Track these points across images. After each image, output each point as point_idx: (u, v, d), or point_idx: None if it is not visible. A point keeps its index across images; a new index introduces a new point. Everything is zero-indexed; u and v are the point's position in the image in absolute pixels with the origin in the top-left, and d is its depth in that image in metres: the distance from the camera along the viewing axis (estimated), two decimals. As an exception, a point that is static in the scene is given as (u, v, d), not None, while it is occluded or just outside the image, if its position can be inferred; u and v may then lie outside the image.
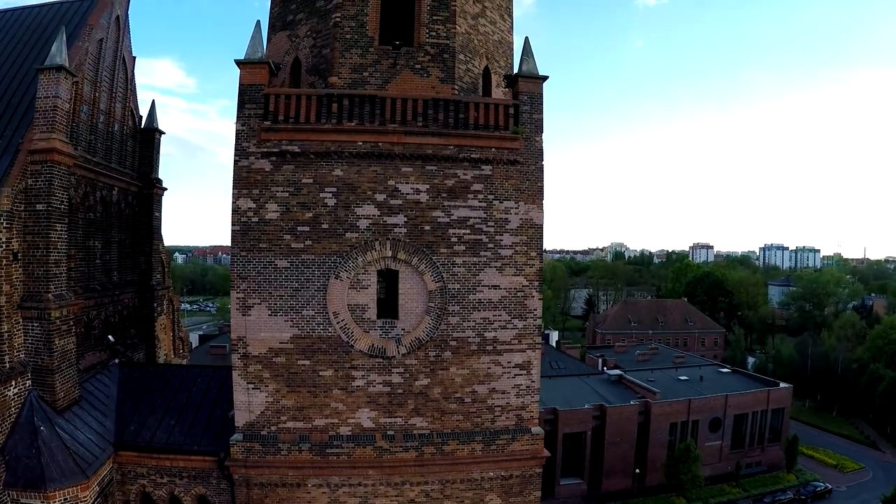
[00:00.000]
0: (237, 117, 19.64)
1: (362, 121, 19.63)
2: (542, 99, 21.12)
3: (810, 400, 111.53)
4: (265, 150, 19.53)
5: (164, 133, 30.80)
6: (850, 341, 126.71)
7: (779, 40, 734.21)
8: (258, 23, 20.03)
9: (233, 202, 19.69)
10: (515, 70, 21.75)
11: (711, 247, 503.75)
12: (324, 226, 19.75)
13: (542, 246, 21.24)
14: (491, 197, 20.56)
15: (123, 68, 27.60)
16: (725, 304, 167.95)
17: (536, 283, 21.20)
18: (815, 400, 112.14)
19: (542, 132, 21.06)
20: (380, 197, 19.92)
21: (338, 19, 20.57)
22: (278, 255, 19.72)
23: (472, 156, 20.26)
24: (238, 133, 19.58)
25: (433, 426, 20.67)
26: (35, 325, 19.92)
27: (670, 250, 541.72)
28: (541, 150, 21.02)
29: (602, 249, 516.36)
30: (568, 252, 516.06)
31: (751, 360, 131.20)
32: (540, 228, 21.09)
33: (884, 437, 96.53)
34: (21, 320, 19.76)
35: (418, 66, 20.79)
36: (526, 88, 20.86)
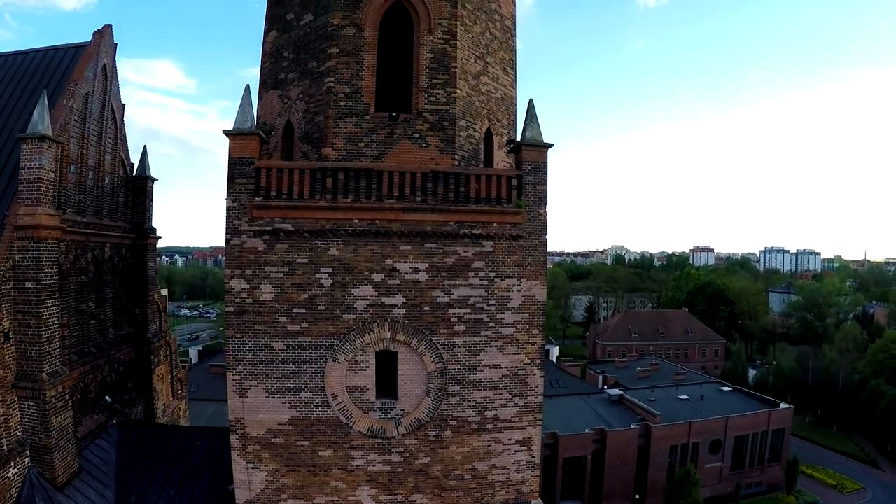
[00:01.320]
0: (227, 192, 18.82)
1: (358, 196, 18.83)
2: (546, 168, 20.29)
3: (811, 415, 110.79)
4: (257, 227, 18.73)
5: (156, 180, 30.07)
6: (851, 353, 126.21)
7: (779, 41, 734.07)
8: (247, 88, 19.23)
9: (226, 282, 19.02)
10: (518, 131, 21.07)
11: (712, 250, 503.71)
12: (320, 307, 19.00)
13: (543, 322, 20.54)
14: (492, 275, 19.79)
15: (112, 118, 26.76)
16: (726, 313, 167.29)
17: (538, 361, 20.54)
18: (816, 414, 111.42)
19: (547, 203, 20.29)
20: (377, 277, 19.15)
21: (331, 84, 19.62)
22: (274, 338, 18.98)
23: (473, 232, 19.46)
24: (229, 210, 18.78)
25: (433, 502, 20.05)
26: (31, 404, 19.52)
27: (671, 252, 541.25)
28: (544, 223, 20.22)
29: (602, 252, 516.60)
30: (568, 254, 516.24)
31: (752, 372, 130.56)
32: (542, 305, 20.40)
33: (884, 455, 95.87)
34: (17, 399, 19.24)
35: (416, 136, 19.86)
36: (529, 157, 20.05)
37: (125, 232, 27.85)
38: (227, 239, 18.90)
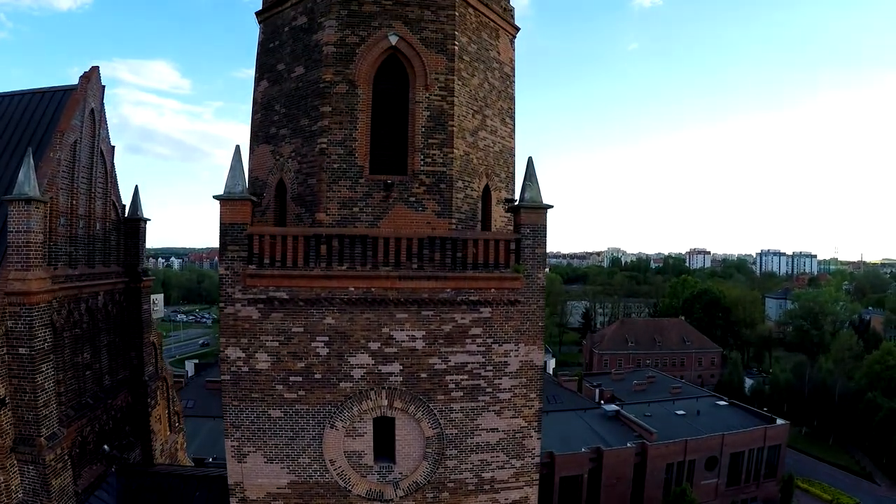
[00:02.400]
0: (220, 259, 18.57)
1: (354, 264, 18.53)
2: (545, 230, 20.04)
3: (807, 426, 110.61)
4: (251, 296, 18.44)
5: (149, 220, 29.79)
6: (847, 363, 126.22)
7: (776, 43, 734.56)
8: (237, 149, 18.88)
9: (221, 350, 18.77)
10: (517, 185, 20.75)
11: (708, 252, 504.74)
12: (317, 376, 18.75)
13: (541, 384, 20.34)
14: (490, 340, 19.53)
15: (102, 161, 26.36)
16: (723, 320, 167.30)
17: (535, 423, 20.31)
18: (812, 426, 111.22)
19: (545, 266, 20.10)
20: (374, 345, 18.89)
21: (324, 146, 19.19)
22: (271, 405, 18.74)
23: (471, 298, 19.19)
24: (222, 277, 18.52)
25: (432, 561, 19.85)
26: (30, 467, 19.52)
27: (667, 253, 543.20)
28: (543, 286, 20.03)
29: (598, 254, 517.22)
30: (564, 256, 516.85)
31: (748, 381, 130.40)
32: (540, 369, 20.21)
33: (880, 469, 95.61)
34: (16, 463, 19.23)
35: (412, 199, 19.48)
36: (529, 220, 19.76)
37: (119, 276, 27.55)
38: (220, 307, 18.69)
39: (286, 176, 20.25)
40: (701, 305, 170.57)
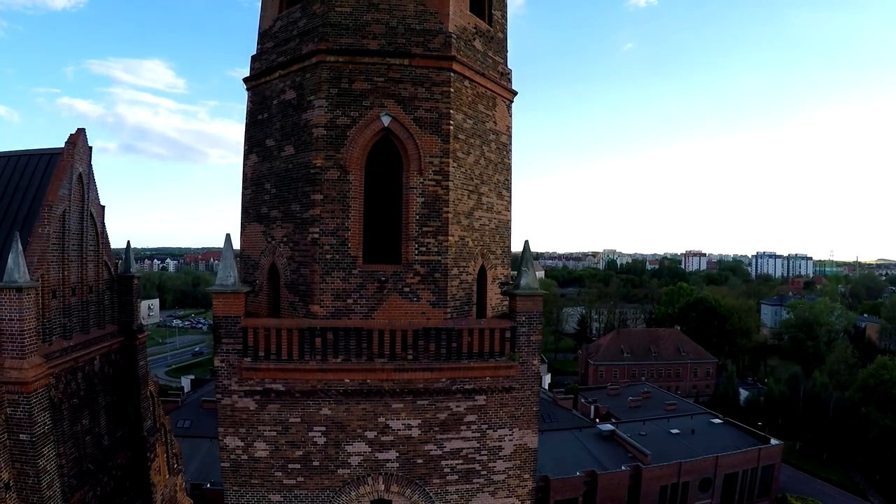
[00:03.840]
0: (215, 351, 18.60)
1: (349, 356, 18.57)
2: (540, 317, 20.20)
3: (801, 441, 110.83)
4: (248, 388, 18.47)
5: (140, 277, 29.81)
6: (842, 375, 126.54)
7: (770, 44, 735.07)
8: (227, 238, 18.92)
9: (220, 439, 18.76)
10: (513, 274, 20.96)
11: (704, 254, 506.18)
12: (314, 463, 18.80)
13: (535, 467, 20.49)
14: (485, 427, 19.60)
15: (92, 223, 26.29)
16: (717, 330, 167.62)
17: (529, 501, 20.49)
18: (806, 439, 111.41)
19: (540, 352, 20.18)
20: (370, 434, 18.94)
21: (315, 235, 18.89)
22: (271, 490, 18.81)
23: (466, 387, 19.24)
24: (217, 369, 18.58)
25: None
26: None
27: (663, 254, 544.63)
28: (537, 373, 20.11)
29: (594, 255, 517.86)
30: (560, 257, 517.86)
31: (743, 393, 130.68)
32: (534, 451, 20.32)
33: (873, 486, 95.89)
34: (23, 542, 19.30)
35: (407, 290, 19.22)
36: (524, 307, 19.83)
37: (114, 337, 27.57)
38: (217, 398, 18.70)
39: (278, 261, 20.00)
40: (697, 314, 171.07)
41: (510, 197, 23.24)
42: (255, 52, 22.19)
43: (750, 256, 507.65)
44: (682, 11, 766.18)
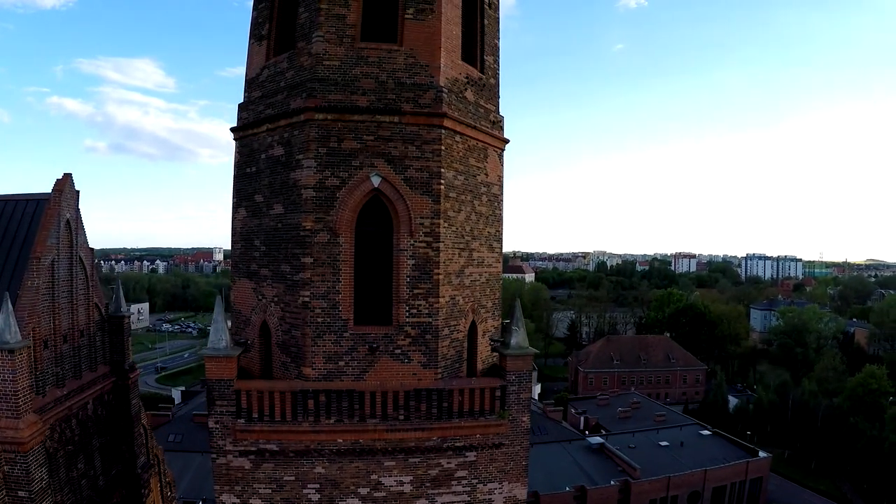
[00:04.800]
0: (209, 413, 18.81)
1: (341, 417, 18.80)
2: (530, 375, 20.51)
3: (789, 450, 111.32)
4: (242, 448, 18.71)
5: (131, 314, 29.91)
6: (831, 383, 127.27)
7: (760, 45, 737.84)
8: (218, 300, 19.20)
9: (216, 497, 19.00)
10: (503, 334, 21.21)
11: (694, 255, 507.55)
12: (309, 519, 19.09)
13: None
14: (475, 481, 19.85)
15: (81, 267, 26.32)
16: (706, 336, 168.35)
17: None
18: (795, 448, 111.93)
19: (530, 409, 20.44)
20: (363, 491, 19.16)
21: (306, 299, 18.88)
22: (267, 543, 19.07)
23: (457, 444, 19.51)
24: (212, 430, 18.77)
25: None
26: None
27: (653, 254, 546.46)
28: (527, 429, 20.38)
29: (584, 256, 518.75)
30: (551, 258, 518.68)
31: (732, 401, 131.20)
32: (522, 501, 20.63)
33: (861, 496, 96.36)
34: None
35: (398, 352, 19.30)
36: (514, 367, 20.08)
37: (106, 378, 27.68)
38: (212, 458, 18.94)
39: (270, 320, 20.03)
40: (686, 320, 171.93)
41: (501, 248, 23.24)
42: (241, 101, 22.18)
43: (739, 257, 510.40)
44: (672, 12, 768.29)
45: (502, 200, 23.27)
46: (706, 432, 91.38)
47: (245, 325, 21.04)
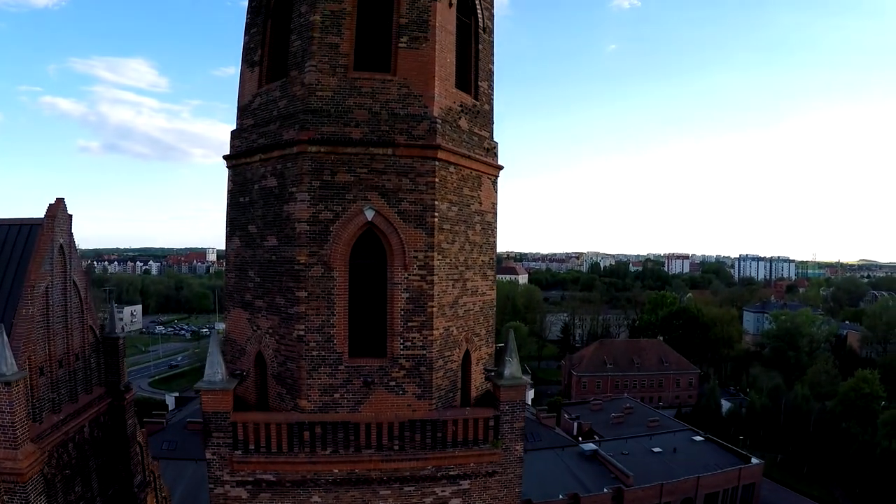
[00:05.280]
0: (205, 445, 18.95)
1: (336, 448, 18.98)
2: (523, 406, 20.74)
3: (782, 454, 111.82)
4: (240, 478, 18.86)
5: (125, 337, 30.06)
6: (824, 387, 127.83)
7: (754, 45, 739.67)
8: (213, 333, 19.37)
9: (216, 525, 19.21)
10: (496, 364, 21.45)
11: (687, 256, 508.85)
12: (307, 547, 19.26)
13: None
14: (469, 510, 20.12)
15: (75, 290, 26.34)
16: (700, 339, 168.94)
17: None
18: (787, 452, 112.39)
19: (523, 438, 20.66)
20: (359, 519, 19.42)
21: (301, 332, 18.90)
22: (263, 572, 19.25)
23: (451, 473, 19.70)
24: (209, 462, 18.93)
25: None
26: None
27: (647, 254, 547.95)
28: (520, 457, 20.59)
29: (578, 257, 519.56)
30: (545, 258, 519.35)
31: (725, 404, 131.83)
32: None
33: (852, 501, 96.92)
34: None
35: (393, 384, 19.41)
36: (508, 397, 20.27)
37: (101, 399, 27.76)
38: (210, 488, 19.07)
39: (265, 351, 20.13)
40: (680, 323, 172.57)
41: (494, 276, 23.30)
42: (234, 128, 22.20)
43: (733, 258, 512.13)
44: (665, 13, 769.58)
45: (496, 227, 23.30)
46: (699, 438, 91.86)
47: (240, 354, 21.17)
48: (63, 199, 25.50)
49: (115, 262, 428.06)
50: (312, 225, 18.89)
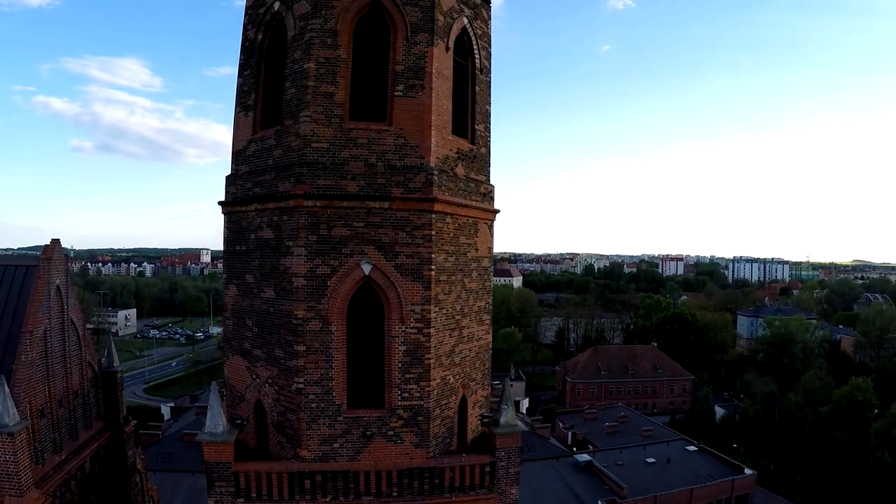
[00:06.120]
0: (208, 494, 19.26)
1: (336, 496, 19.30)
2: (519, 451, 21.05)
3: (775, 462, 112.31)
4: (241, 526, 19.23)
5: (123, 371, 30.30)
6: (817, 393, 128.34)
7: (749, 46, 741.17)
8: (214, 386, 19.61)
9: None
10: (496, 413, 21.49)
11: (682, 258, 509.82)
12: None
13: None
14: (464, 558, 20.43)
15: (73, 329, 26.59)
16: (694, 344, 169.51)
17: None
18: (780, 460, 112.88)
19: (518, 484, 21.00)
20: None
21: (300, 385, 19.17)
22: None
23: (448, 520, 20.11)
24: (212, 513, 19.28)
25: None
26: None
27: (641, 255, 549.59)
28: (516, 500, 20.97)
29: (572, 258, 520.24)
30: (539, 259, 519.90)
31: (719, 411, 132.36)
32: None
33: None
34: None
35: (391, 433, 19.74)
36: (503, 444, 20.61)
37: (101, 434, 28.03)
38: (214, 533, 19.37)
39: (265, 400, 20.43)
40: (674, 328, 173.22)
41: (490, 320, 23.55)
42: (229, 173, 22.38)
43: (727, 258, 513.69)
44: (659, 13, 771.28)
45: (491, 272, 23.60)
46: (692, 448, 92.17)
47: (240, 400, 21.49)
48: (58, 239, 25.74)
49: (110, 264, 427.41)
50: (310, 279, 19.06)
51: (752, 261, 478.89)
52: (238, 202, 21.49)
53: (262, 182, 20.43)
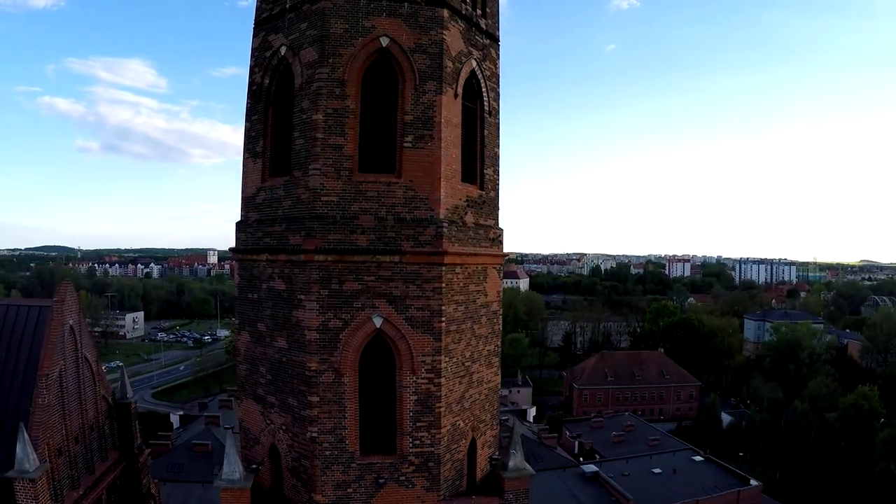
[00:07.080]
0: (227, 540, 19.81)
1: (350, 538, 19.85)
2: (527, 492, 21.50)
3: (781, 469, 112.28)
4: (262, 564, 19.77)
5: (136, 401, 30.83)
6: (824, 400, 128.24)
7: (753, 44, 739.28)
8: (229, 434, 20.12)
9: None
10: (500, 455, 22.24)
11: (688, 259, 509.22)
12: None
13: None
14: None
15: (87, 366, 27.00)
16: (701, 349, 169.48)
17: None
18: (787, 468, 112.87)
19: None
20: None
21: (314, 434, 19.64)
22: None
23: (458, 565, 20.60)
24: (230, 553, 19.79)
25: None
26: None
27: (648, 255, 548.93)
28: (523, 540, 21.45)
29: (579, 259, 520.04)
30: (546, 259, 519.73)
31: (726, 418, 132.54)
32: None
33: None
34: None
35: (402, 478, 20.19)
36: (512, 487, 21.15)
37: (117, 465, 28.52)
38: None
39: (279, 444, 20.89)
40: (680, 333, 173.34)
41: (499, 361, 23.91)
42: (239, 219, 22.78)
43: (734, 259, 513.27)
44: (664, 13, 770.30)
45: (500, 315, 23.83)
46: (699, 458, 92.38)
47: (254, 443, 21.99)
48: (71, 283, 26.31)
49: (117, 265, 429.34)
50: (322, 333, 19.48)
51: (759, 262, 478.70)
52: (249, 251, 21.89)
53: (273, 233, 20.78)
